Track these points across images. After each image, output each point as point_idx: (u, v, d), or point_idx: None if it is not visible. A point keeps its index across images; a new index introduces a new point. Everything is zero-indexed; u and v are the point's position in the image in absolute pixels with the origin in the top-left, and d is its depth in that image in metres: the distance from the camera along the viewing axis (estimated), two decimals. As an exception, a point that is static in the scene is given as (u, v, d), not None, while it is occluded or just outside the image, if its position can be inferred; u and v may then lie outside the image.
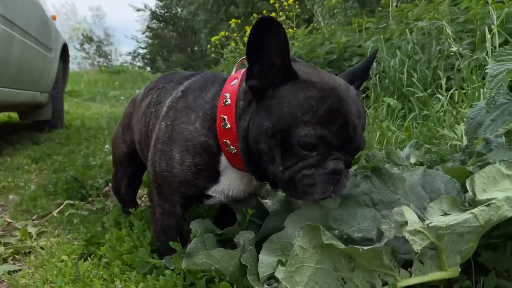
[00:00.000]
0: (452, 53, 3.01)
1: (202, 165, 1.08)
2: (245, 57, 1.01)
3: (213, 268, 1.04)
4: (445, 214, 0.85)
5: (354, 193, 1.01)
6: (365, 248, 0.79)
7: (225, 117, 1.03)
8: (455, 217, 0.82)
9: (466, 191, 0.95)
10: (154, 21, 27.76)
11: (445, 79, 2.81)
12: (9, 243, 1.55)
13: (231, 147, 1.04)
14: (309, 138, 0.91)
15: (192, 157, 1.07)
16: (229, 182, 1.13)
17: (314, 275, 0.84)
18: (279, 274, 0.83)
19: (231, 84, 1.06)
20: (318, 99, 0.91)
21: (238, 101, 1.02)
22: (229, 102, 1.03)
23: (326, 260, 0.85)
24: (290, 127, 0.92)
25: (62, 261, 1.31)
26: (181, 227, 1.19)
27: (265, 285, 0.98)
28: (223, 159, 1.09)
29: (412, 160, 1.30)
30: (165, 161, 1.09)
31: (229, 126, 1.02)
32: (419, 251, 0.82)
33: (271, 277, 1.01)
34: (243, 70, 1.09)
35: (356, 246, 0.80)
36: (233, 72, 1.13)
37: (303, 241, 0.84)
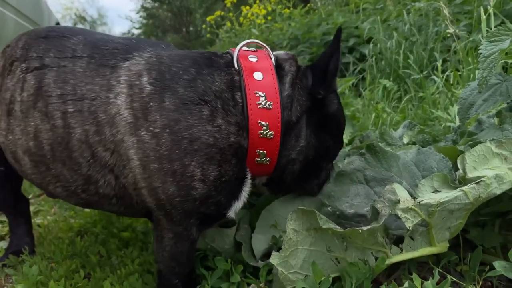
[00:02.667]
0: (448, 35, 3.00)
1: (229, 176, 0.85)
2: (251, 40, 0.95)
3: (208, 246, 1.07)
4: (436, 191, 0.87)
5: (348, 170, 1.03)
6: (365, 228, 0.80)
7: (267, 123, 0.84)
8: (446, 194, 0.83)
9: (457, 169, 0.96)
10: (149, 0, 27.27)
11: (441, 61, 2.81)
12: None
13: (266, 158, 0.88)
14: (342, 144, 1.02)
15: (218, 168, 0.83)
16: (245, 197, 0.92)
17: (308, 257, 0.86)
18: (274, 260, 0.84)
19: (256, 77, 0.86)
20: None
21: (283, 107, 0.86)
22: (270, 106, 0.84)
23: (320, 242, 0.86)
24: (342, 140, 1.01)
25: (59, 238, 1.33)
26: (194, 253, 0.95)
27: (259, 261, 1.01)
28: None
29: (405, 140, 1.32)
30: (175, 183, 0.81)
31: (273, 136, 0.85)
32: (410, 228, 0.84)
33: (266, 253, 1.04)
34: (263, 62, 0.89)
35: (356, 228, 0.81)
36: (234, 56, 0.89)
37: (296, 223, 0.84)
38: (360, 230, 0.81)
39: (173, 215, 0.85)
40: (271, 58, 0.91)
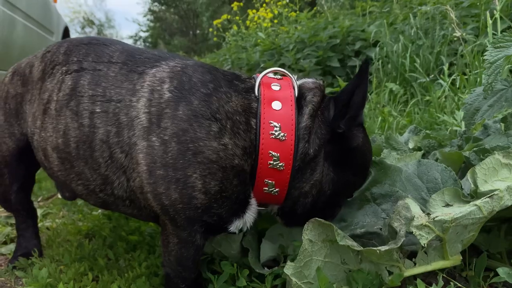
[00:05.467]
0: (455, 38, 2.99)
1: (229, 193, 0.86)
2: (276, 68, 0.95)
3: (215, 250, 1.08)
4: (447, 205, 0.86)
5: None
6: (382, 249, 0.80)
7: (277, 154, 0.84)
8: (460, 210, 0.83)
9: (462, 177, 0.96)
10: (156, 3, 27.46)
11: (447, 64, 2.80)
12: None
13: (275, 189, 0.87)
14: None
15: (220, 184, 0.84)
16: (250, 220, 0.92)
17: (322, 268, 0.86)
18: (288, 270, 0.84)
19: (274, 107, 0.86)
20: None
21: (298, 140, 0.86)
22: (284, 138, 0.84)
23: (334, 254, 0.87)
24: (366, 176, 1.01)
25: (68, 240, 1.35)
26: (199, 259, 0.96)
27: (265, 268, 1.01)
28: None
29: (411, 145, 1.32)
30: (178, 190, 0.83)
31: (283, 168, 0.85)
32: (425, 245, 0.83)
33: (272, 260, 1.05)
34: (284, 92, 0.89)
35: (373, 248, 0.81)
36: (256, 83, 0.90)
37: (312, 234, 0.84)
38: (378, 251, 0.80)
39: (177, 220, 0.87)
40: (294, 88, 0.90)
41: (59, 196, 1.93)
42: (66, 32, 5.00)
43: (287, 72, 0.94)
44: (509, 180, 0.86)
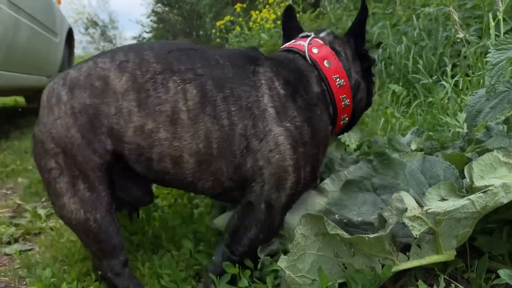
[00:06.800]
0: (458, 40, 2.98)
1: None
2: (303, 34, 1.25)
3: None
4: (443, 199, 0.87)
5: (356, 178, 1.04)
6: (371, 236, 0.81)
7: (344, 96, 1.16)
8: (453, 203, 0.84)
9: (464, 177, 0.97)
10: (159, 4, 27.51)
11: (450, 65, 2.79)
12: (19, 224, 1.60)
13: (346, 118, 1.21)
14: None
15: (324, 152, 1.13)
16: None
17: (316, 262, 0.87)
18: (282, 263, 0.85)
19: (326, 65, 1.14)
20: None
21: (350, 79, 1.18)
22: (344, 83, 1.15)
23: (327, 247, 0.87)
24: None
25: (71, 241, 1.36)
26: None
27: (263, 255, 1.02)
28: None
29: (413, 147, 1.32)
30: (311, 165, 1.04)
31: (349, 103, 1.17)
32: (417, 236, 0.84)
33: (269, 254, 1.05)
34: (324, 51, 1.16)
35: (362, 235, 0.82)
36: (306, 55, 1.15)
37: (305, 228, 0.86)
38: (366, 238, 0.82)
39: (295, 197, 1.06)
40: (325, 44, 1.18)
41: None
42: (70, 34, 5.02)
43: (308, 33, 1.24)
44: (507, 178, 0.86)
